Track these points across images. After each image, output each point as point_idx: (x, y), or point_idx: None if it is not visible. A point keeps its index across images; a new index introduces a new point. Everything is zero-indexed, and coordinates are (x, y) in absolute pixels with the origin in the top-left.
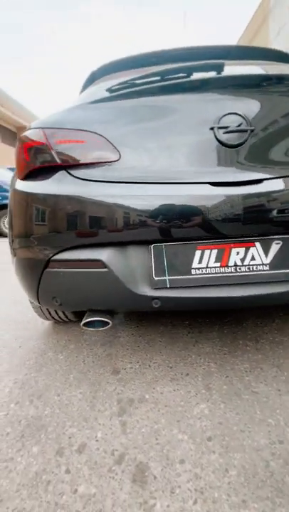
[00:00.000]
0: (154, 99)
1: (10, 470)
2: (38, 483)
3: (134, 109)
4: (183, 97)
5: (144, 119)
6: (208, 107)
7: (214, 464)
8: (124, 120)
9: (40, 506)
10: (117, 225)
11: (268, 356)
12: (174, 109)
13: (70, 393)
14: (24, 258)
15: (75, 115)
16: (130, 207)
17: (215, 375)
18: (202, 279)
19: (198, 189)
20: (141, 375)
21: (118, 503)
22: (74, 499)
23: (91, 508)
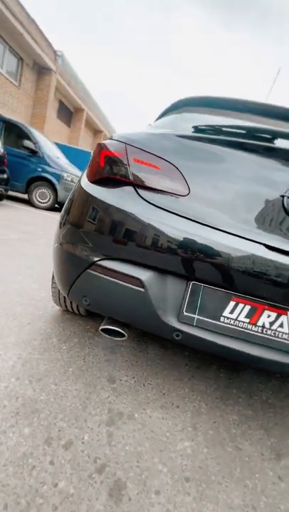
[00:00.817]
0: (234, 152)
1: (1, 443)
2: (24, 464)
3: (213, 155)
4: (262, 159)
5: (220, 167)
6: (284, 175)
7: (187, 506)
8: (202, 162)
9: (23, 488)
10: (165, 253)
11: (257, 415)
12: (251, 167)
13: (66, 386)
14: (70, 252)
15: (158, 141)
16: (183, 242)
17: (204, 416)
18: (228, 329)
19: (251, 247)
20: (134, 392)
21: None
22: (53, 492)
23: (67, 507)
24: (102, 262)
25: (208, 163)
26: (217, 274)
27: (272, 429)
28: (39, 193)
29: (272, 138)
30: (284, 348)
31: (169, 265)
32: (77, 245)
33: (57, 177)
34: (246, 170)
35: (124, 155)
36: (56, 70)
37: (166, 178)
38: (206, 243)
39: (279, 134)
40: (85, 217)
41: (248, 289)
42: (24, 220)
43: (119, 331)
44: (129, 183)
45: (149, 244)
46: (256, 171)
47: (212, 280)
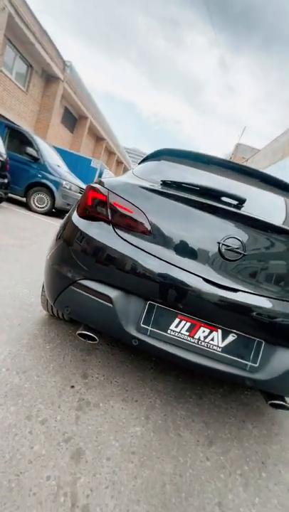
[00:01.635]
0: (187, 207)
1: None
2: (9, 432)
3: (172, 207)
4: (209, 215)
5: (176, 217)
6: (223, 227)
7: (129, 470)
8: (163, 212)
9: (7, 447)
10: (131, 277)
11: (202, 413)
12: (199, 218)
13: (46, 378)
14: (58, 270)
15: (133, 191)
16: (144, 270)
17: (157, 409)
18: (173, 339)
19: (193, 279)
20: (102, 387)
21: (58, 467)
22: (29, 452)
23: (39, 463)
24: (82, 281)
25: (167, 213)
26: (167, 297)
27: (212, 424)
28: (37, 197)
29: (219, 196)
30: (213, 357)
31: (131, 287)
32: (64, 265)
33: (56, 184)
34: (195, 221)
35: (106, 199)
36: (64, 79)
37: (136, 221)
38: (159, 273)
39: (224, 194)
40: (72, 245)
41: (189, 310)
42: (20, 224)
43: (92, 335)
44: (108, 222)
45: (119, 270)
46: (202, 222)
47: (163, 301)
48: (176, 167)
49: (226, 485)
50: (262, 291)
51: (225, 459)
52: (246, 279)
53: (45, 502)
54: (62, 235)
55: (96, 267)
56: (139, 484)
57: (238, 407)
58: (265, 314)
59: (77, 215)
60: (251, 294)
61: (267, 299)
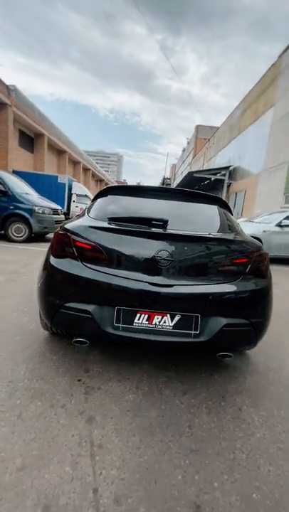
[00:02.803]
0: (128, 236)
1: (27, 409)
2: (41, 416)
3: (118, 237)
4: (144, 238)
5: (122, 243)
6: (155, 244)
7: (126, 420)
8: (114, 241)
9: (44, 424)
10: (100, 293)
11: (179, 376)
12: (138, 242)
13: (59, 379)
14: (48, 299)
15: (87, 231)
16: (108, 286)
17: (144, 381)
18: (138, 329)
19: (142, 285)
20: (101, 376)
21: (78, 428)
22: (57, 424)
23: (65, 429)
24: (67, 304)
25: (115, 243)
26: (128, 301)
27: (186, 381)
28: (14, 228)
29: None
30: (168, 333)
31: (102, 300)
32: (51, 295)
33: (29, 212)
34: (135, 244)
35: (70, 241)
36: (11, 104)
37: (94, 253)
38: (119, 286)
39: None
40: (54, 279)
41: (144, 306)
42: (5, 258)
43: (84, 340)
44: (75, 257)
45: (91, 290)
46: (140, 244)
47: (126, 305)
48: (119, 200)
49: (194, 415)
50: (189, 281)
51: (195, 400)
52: (177, 276)
53: (73, 447)
54: (46, 272)
55: (74, 291)
56: (134, 426)
57: (207, 368)
58: (194, 297)
59: (52, 256)
60: (183, 286)
61: (194, 286)
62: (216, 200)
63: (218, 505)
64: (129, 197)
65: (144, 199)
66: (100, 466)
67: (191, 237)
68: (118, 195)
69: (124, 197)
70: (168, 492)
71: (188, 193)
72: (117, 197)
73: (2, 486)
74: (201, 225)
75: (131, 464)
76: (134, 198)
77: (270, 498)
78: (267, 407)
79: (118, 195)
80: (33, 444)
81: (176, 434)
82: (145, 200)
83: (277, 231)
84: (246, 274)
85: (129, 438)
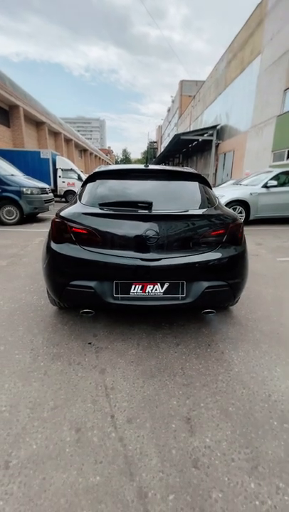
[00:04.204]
0: (118, 219)
1: (50, 368)
2: (62, 371)
3: (109, 221)
4: (132, 220)
5: (115, 227)
6: (142, 225)
7: (130, 369)
8: (106, 225)
9: (66, 377)
10: (100, 271)
11: (173, 332)
12: (127, 223)
13: (72, 344)
14: (54, 279)
15: (81, 217)
16: (105, 264)
17: (143, 339)
18: (134, 297)
19: (134, 261)
20: (108, 338)
21: (94, 378)
22: (76, 377)
23: (83, 379)
24: (72, 282)
25: (107, 226)
26: (124, 275)
27: (179, 335)
28: (5, 211)
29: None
30: (160, 299)
31: (102, 276)
32: (57, 275)
33: (17, 193)
34: (125, 225)
35: (67, 227)
36: None
37: (89, 236)
38: (114, 263)
39: (139, 202)
40: (57, 261)
41: (137, 278)
42: (2, 242)
43: (90, 311)
44: (73, 241)
45: (92, 269)
46: (129, 225)
47: (122, 278)
48: (107, 184)
49: (185, 360)
50: (174, 254)
51: (186, 349)
52: (164, 251)
53: (92, 391)
54: (49, 255)
55: (77, 271)
56: (137, 373)
57: (196, 324)
58: (180, 267)
59: (52, 242)
60: (169, 258)
61: (178, 258)
62: (195, 177)
63: (203, 417)
64: (115, 180)
65: (130, 181)
66: (114, 401)
67: (173, 216)
68: (105, 179)
69: (111, 180)
70: (166, 412)
71: (170, 172)
72: (104, 181)
73: (43, 419)
74: (183, 202)
75: (137, 398)
76: (120, 181)
77: (242, 409)
78: (245, 349)
79: (105, 179)
80: (60, 392)
81: (171, 375)
82: (131, 182)
83: (264, 192)
84: (224, 243)
85: (134, 381)
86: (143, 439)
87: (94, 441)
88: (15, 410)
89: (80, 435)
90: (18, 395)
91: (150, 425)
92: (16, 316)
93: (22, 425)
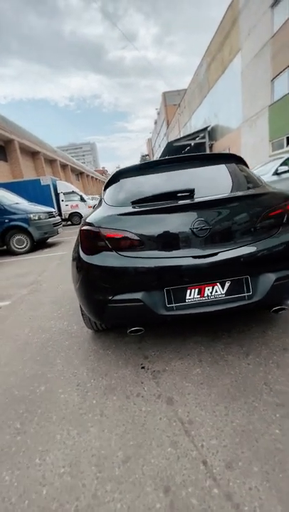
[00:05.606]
0: (157, 215)
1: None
2: (122, 409)
3: (148, 219)
4: (175, 213)
5: (157, 224)
6: (188, 216)
7: (202, 390)
8: (146, 224)
9: (129, 416)
10: (146, 279)
11: (234, 340)
12: (169, 218)
13: (123, 371)
14: (92, 297)
15: (113, 220)
16: (154, 269)
17: (203, 353)
18: (192, 304)
19: (186, 260)
20: (161, 358)
21: (161, 414)
22: (140, 413)
23: (150, 417)
24: (115, 297)
25: (145, 225)
26: (175, 280)
27: (245, 345)
28: (16, 240)
29: (176, 195)
30: (222, 301)
31: (149, 285)
32: (94, 292)
33: (25, 221)
34: (167, 221)
35: (100, 234)
36: None
37: (127, 240)
38: (162, 267)
39: (178, 191)
40: (94, 276)
41: (192, 281)
42: (18, 271)
43: (139, 328)
44: (110, 249)
45: (136, 278)
46: (172, 219)
47: (174, 284)
48: (132, 182)
49: (266, 372)
50: (231, 245)
51: (259, 359)
52: (218, 243)
53: (166, 429)
54: (82, 271)
55: (119, 283)
56: (213, 397)
57: (258, 327)
58: (240, 259)
59: (84, 254)
60: (226, 251)
61: (237, 249)
62: (230, 158)
63: None
64: (140, 176)
65: (157, 174)
66: (199, 440)
67: (223, 200)
68: (129, 178)
69: (137, 177)
70: (273, 446)
71: (198, 157)
72: (128, 179)
73: (116, 480)
74: (224, 186)
75: (226, 431)
76: (146, 176)
77: None
78: None
79: (129, 177)
80: (126, 436)
81: (256, 394)
82: (159, 175)
83: (276, 180)
84: (285, 224)
85: (214, 408)
86: (258, 493)
87: (193, 504)
88: (77, 470)
89: (172, 497)
90: (76, 448)
91: (259, 469)
92: (49, 348)
93: (91, 492)
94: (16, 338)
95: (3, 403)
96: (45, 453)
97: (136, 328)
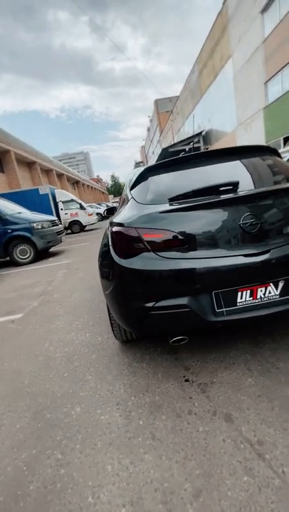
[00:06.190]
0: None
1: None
2: (177, 430)
3: (191, 216)
4: (223, 209)
5: (200, 222)
6: (235, 211)
7: (267, 409)
8: (187, 223)
9: (184, 438)
10: (192, 282)
11: (280, 345)
12: (215, 214)
13: (165, 386)
14: (131, 305)
15: (153, 219)
16: (198, 271)
17: (250, 361)
18: (244, 308)
19: (236, 259)
20: (204, 368)
21: (223, 434)
22: (197, 433)
23: (210, 440)
24: (158, 304)
25: (189, 223)
26: (224, 281)
27: None
28: (19, 251)
29: (219, 189)
30: (277, 303)
31: (195, 288)
32: (133, 300)
33: (28, 231)
34: (215, 217)
35: (138, 235)
36: None
37: (169, 240)
38: (209, 268)
39: (221, 185)
40: (132, 283)
41: (243, 282)
42: (24, 282)
43: (183, 338)
44: (149, 251)
45: (181, 281)
46: (221, 215)
47: (223, 287)
48: (166, 178)
49: None
50: (284, 241)
51: None
52: (270, 239)
53: (234, 453)
54: (117, 277)
55: (161, 288)
56: (279, 410)
57: None
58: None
59: (119, 258)
60: (279, 247)
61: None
62: (264, 150)
63: None
64: (172, 172)
65: (189, 170)
66: (277, 464)
67: (274, 193)
68: (159, 174)
69: (167, 174)
70: None
71: (231, 150)
72: (159, 176)
73: None
74: (267, 178)
75: None
76: (177, 172)
77: None
78: None
79: (159, 174)
80: (189, 463)
81: None
82: (192, 171)
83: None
84: None
85: (283, 424)
86: None
87: None
88: (141, 509)
89: None
90: (134, 481)
91: None
92: (76, 362)
93: None
94: (36, 354)
95: (36, 429)
96: (98, 489)
97: (181, 337)
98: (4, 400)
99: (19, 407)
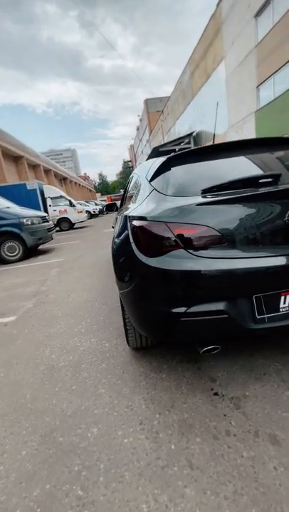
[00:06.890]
0: (240, 205)
1: None
2: (215, 452)
3: (229, 209)
4: (266, 203)
5: (240, 217)
6: (280, 206)
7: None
8: (226, 218)
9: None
10: (230, 285)
11: None
12: (261, 209)
13: (192, 400)
14: (158, 310)
15: (185, 212)
16: (237, 273)
17: (283, 371)
18: (287, 314)
19: (280, 259)
20: (233, 380)
21: (273, 460)
22: (241, 458)
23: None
24: (190, 309)
25: (227, 217)
26: (265, 284)
27: None
28: (7, 247)
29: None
30: None
31: (234, 292)
32: (164, 305)
33: (18, 226)
34: (257, 211)
35: (169, 230)
36: None
37: (206, 237)
38: (251, 269)
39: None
40: (161, 285)
41: (287, 285)
42: (15, 281)
43: (215, 346)
44: (182, 248)
45: (218, 284)
46: (263, 209)
47: (265, 290)
48: (192, 169)
49: None
50: None
51: None
52: None
53: None
54: (140, 277)
55: (195, 291)
56: None
57: None
58: None
59: (144, 256)
60: None
61: None
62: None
63: None
64: (201, 162)
65: (221, 160)
66: None
67: None
68: (184, 164)
69: (196, 164)
70: None
71: (260, 142)
72: (184, 166)
73: None
74: None
75: None
76: (207, 161)
77: None
78: None
79: (184, 164)
80: (241, 500)
81: None
82: (223, 161)
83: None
84: None
85: None
86: None
87: None
88: None
89: None
90: None
91: None
92: (84, 373)
93: None
94: (36, 362)
95: (48, 456)
96: None
97: (213, 346)
98: (4, 420)
99: (23, 429)
